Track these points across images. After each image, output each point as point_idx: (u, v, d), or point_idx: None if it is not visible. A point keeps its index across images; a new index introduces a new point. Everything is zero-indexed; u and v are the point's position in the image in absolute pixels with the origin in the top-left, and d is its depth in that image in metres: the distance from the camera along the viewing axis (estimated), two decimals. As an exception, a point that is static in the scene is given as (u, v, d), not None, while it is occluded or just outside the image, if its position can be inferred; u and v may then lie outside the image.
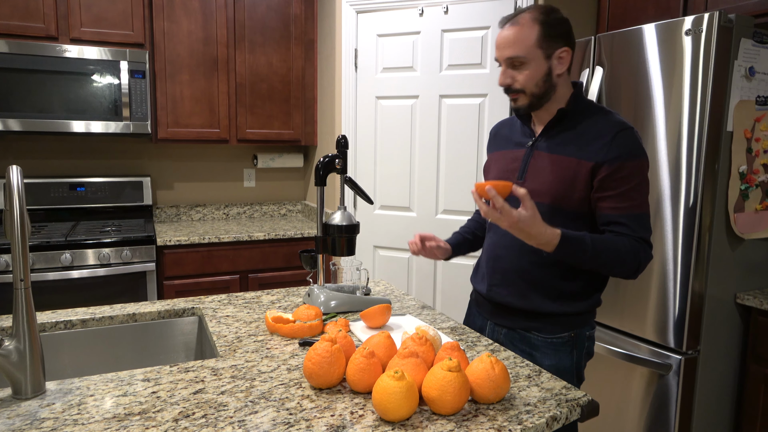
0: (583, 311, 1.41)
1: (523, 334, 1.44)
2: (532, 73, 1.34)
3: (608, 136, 1.31)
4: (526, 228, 1.22)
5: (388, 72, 2.90)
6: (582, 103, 1.40)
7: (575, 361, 1.42)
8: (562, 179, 1.34)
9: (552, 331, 1.40)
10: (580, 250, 1.28)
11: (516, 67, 1.35)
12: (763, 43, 1.88)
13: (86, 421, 0.95)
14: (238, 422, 0.95)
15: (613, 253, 1.28)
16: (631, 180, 1.30)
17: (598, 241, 1.29)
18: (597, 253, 1.28)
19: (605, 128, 1.33)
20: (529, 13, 1.35)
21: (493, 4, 2.66)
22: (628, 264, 1.29)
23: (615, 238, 1.30)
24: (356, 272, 1.63)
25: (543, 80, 1.35)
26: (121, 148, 3.25)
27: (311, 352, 1.07)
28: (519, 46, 1.33)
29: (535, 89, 1.35)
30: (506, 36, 1.35)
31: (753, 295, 1.94)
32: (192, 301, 1.64)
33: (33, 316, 1.04)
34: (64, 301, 2.60)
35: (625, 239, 1.30)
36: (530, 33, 1.33)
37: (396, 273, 2.99)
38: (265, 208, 3.66)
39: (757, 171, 1.94)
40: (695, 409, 1.93)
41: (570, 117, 1.39)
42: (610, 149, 1.30)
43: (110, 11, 2.83)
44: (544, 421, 0.98)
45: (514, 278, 1.43)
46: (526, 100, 1.37)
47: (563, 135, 1.38)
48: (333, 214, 1.56)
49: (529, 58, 1.33)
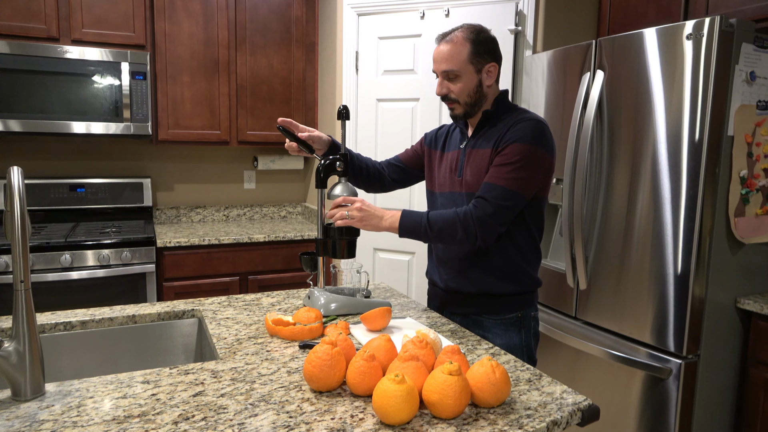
0: (526, 290, 1.57)
1: (476, 319, 1.59)
2: (465, 85, 1.53)
3: (510, 125, 1.50)
4: (368, 211, 1.48)
5: (389, 75, 2.90)
6: (504, 105, 1.58)
7: (524, 340, 1.59)
8: (480, 168, 1.53)
9: (500, 311, 1.57)
10: (418, 225, 1.49)
11: (451, 79, 1.54)
12: (764, 47, 1.88)
13: (85, 423, 0.94)
14: (238, 425, 0.94)
15: (447, 223, 1.46)
16: (509, 158, 1.45)
17: (433, 215, 1.49)
18: (431, 223, 1.47)
19: (511, 120, 1.51)
20: (461, 32, 1.53)
21: (494, 8, 2.66)
22: (460, 231, 1.46)
23: (448, 211, 1.49)
24: (356, 275, 1.63)
25: (474, 91, 1.54)
26: (122, 149, 3.25)
27: (311, 354, 1.07)
28: (453, 62, 1.52)
29: (468, 99, 1.54)
30: (442, 51, 1.53)
31: (753, 299, 1.94)
32: (192, 302, 1.64)
33: (33, 317, 1.04)
34: (63, 303, 2.60)
35: (461, 208, 1.47)
36: (462, 50, 1.51)
37: (396, 276, 2.99)
38: (265, 210, 3.66)
39: (758, 175, 1.94)
40: (695, 413, 1.93)
41: (493, 118, 1.56)
42: (506, 135, 1.48)
43: (111, 13, 2.83)
44: (545, 426, 0.98)
45: (462, 265, 1.58)
46: (461, 109, 1.56)
47: (487, 134, 1.55)
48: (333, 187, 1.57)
49: (462, 71, 1.52)
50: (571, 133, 2.20)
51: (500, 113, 1.56)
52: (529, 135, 1.45)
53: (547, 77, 2.41)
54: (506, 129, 1.49)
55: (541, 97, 2.46)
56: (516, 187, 1.44)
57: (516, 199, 1.45)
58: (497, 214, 1.44)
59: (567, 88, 2.31)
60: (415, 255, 2.94)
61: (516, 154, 1.44)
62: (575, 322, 2.28)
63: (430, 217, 1.49)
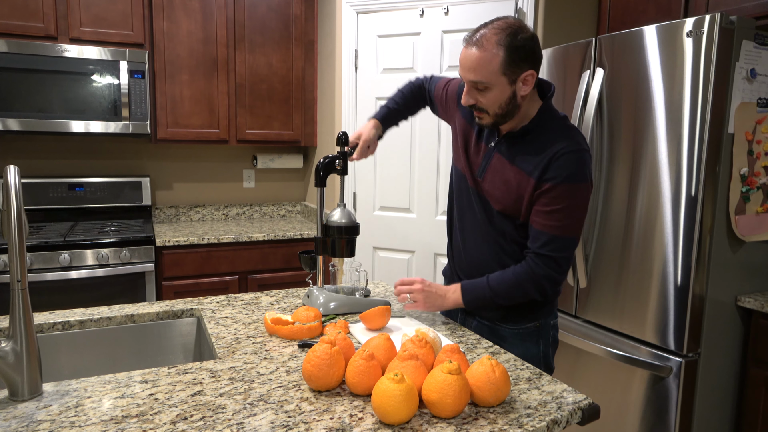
0: (546, 301, 1.48)
1: (491, 326, 1.51)
2: (496, 97, 1.33)
3: (553, 156, 1.33)
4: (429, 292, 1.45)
5: (389, 73, 2.90)
6: (546, 119, 1.40)
7: (542, 350, 1.50)
8: (511, 190, 1.40)
9: (518, 321, 1.48)
10: (482, 295, 1.42)
11: (480, 90, 1.34)
12: (765, 45, 1.87)
13: (83, 423, 0.94)
14: (237, 425, 0.94)
15: (513, 287, 1.39)
16: (560, 202, 1.33)
17: (495, 280, 1.41)
18: (496, 291, 1.40)
19: (554, 147, 1.34)
20: (494, 35, 1.29)
21: (494, 5, 2.65)
22: (530, 291, 1.38)
23: (510, 270, 1.40)
24: (356, 273, 1.62)
25: (507, 103, 1.35)
26: (121, 148, 3.24)
27: (310, 354, 1.07)
28: (482, 72, 1.30)
29: (499, 110, 1.36)
30: (469, 58, 1.31)
31: (754, 297, 1.94)
32: (191, 302, 1.63)
33: (30, 317, 1.03)
34: (62, 302, 2.59)
35: (520, 267, 1.39)
36: (494, 59, 1.29)
37: (396, 274, 2.99)
38: (265, 208, 3.65)
39: (759, 173, 1.94)
40: (695, 412, 1.93)
41: (533, 131, 1.40)
42: (549, 168, 1.33)
43: (110, 11, 2.82)
44: (545, 425, 0.97)
45: (482, 271, 1.50)
46: (490, 119, 1.38)
47: (521, 146, 1.40)
48: (332, 211, 1.55)
49: (493, 83, 1.31)
50: (570, 131, 2.19)
51: (539, 127, 1.39)
52: (576, 172, 1.32)
53: (546, 75, 2.40)
54: (549, 158, 1.33)
55: (540, 95, 2.45)
56: (571, 233, 1.35)
57: (572, 244, 1.36)
58: (561, 266, 1.36)
59: (567, 85, 2.30)
60: (415, 254, 2.93)
61: (566, 198, 1.32)
62: (575, 320, 2.28)
63: (492, 285, 1.40)
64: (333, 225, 1.52)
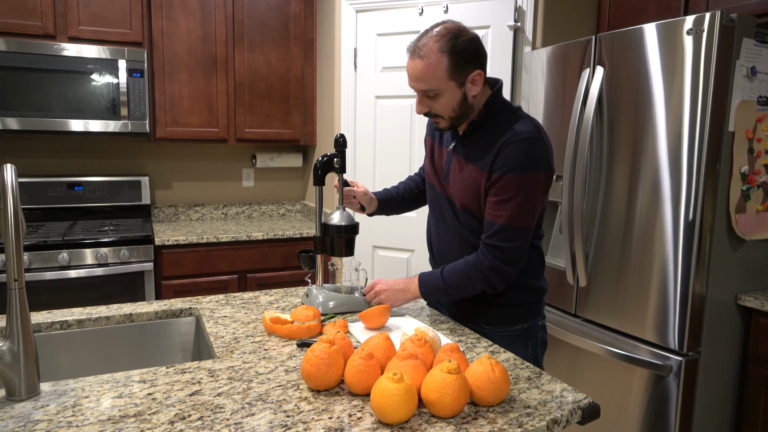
0: (532, 301, 1.49)
1: (479, 329, 1.51)
2: (448, 101, 1.36)
3: (501, 146, 1.35)
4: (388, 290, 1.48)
5: (388, 71, 2.89)
6: (495, 111, 1.42)
7: (531, 351, 1.50)
8: (470, 188, 1.42)
9: (506, 323, 1.48)
10: (435, 286, 1.43)
11: (431, 97, 1.37)
12: (765, 42, 1.87)
13: (80, 423, 0.93)
14: (235, 425, 0.93)
15: (462, 277, 1.40)
16: (508, 191, 1.33)
17: (447, 273, 1.42)
18: (448, 282, 1.41)
19: (502, 138, 1.35)
20: (435, 42, 1.31)
21: (493, 4, 2.65)
22: (477, 282, 1.39)
23: (462, 261, 1.41)
24: (355, 272, 1.62)
25: (459, 105, 1.38)
26: (119, 147, 3.23)
27: (309, 353, 1.06)
28: (430, 80, 1.33)
29: (453, 113, 1.39)
30: (415, 68, 1.34)
31: (754, 296, 1.93)
32: (189, 301, 1.63)
33: (27, 316, 1.03)
34: (61, 301, 2.59)
35: (471, 257, 1.40)
36: (439, 65, 1.31)
37: (395, 273, 2.98)
38: (264, 207, 3.65)
39: (759, 172, 1.93)
40: (696, 411, 1.92)
41: (483, 126, 1.42)
42: (497, 159, 1.35)
43: (108, 10, 2.81)
44: (545, 424, 0.97)
45: None
46: (446, 123, 1.41)
47: (476, 143, 1.42)
48: (332, 214, 1.54)
49: (442, 89, 1.34)
50: (570, 130, 2.18)
51: (489, 120, 1.42)
52: (522, 161, 1.31)
53: (546, 73, 2.39)
54: (497, 149, 1.35)
55: (540, 94, 2.45)
56: (520, 222, 1.34)
57: (523, 234, 1.35)
58: (509, 256, 1.35)
59: (567, 84, 2.29)
60: (414, 252, 2.93)
61: (513, 187, 1.32)
62: (575, 319, 2.27)
63: (445, 276, 1.41)
64: (332, 224, 1.52)
